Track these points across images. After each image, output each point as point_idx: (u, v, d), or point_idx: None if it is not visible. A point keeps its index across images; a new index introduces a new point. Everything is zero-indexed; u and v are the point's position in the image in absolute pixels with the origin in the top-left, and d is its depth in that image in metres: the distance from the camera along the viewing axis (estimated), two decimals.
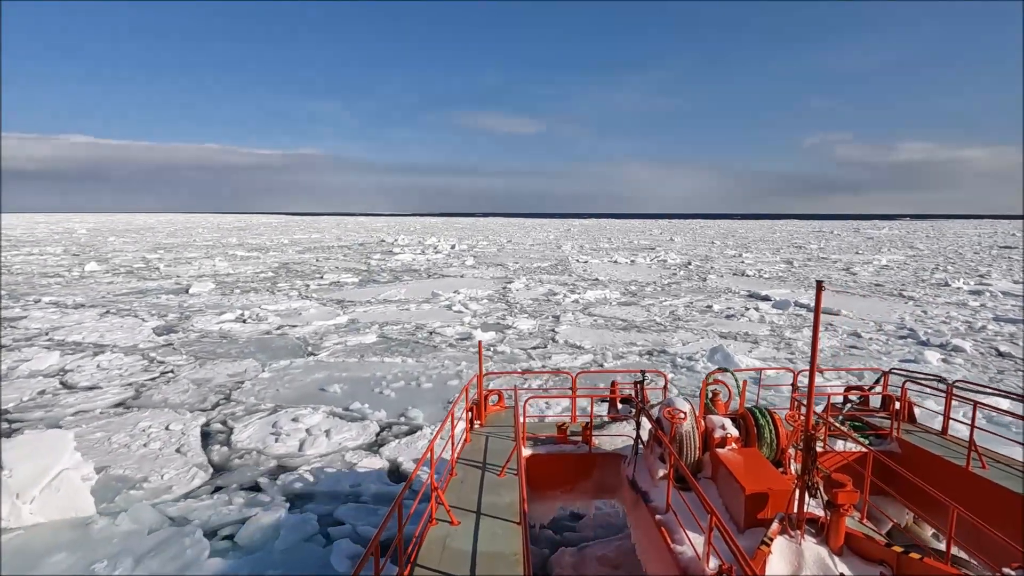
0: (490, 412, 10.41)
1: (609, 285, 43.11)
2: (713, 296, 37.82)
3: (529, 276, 49.46)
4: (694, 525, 6.35)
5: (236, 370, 20.43)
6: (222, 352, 22.86)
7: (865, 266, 59.86)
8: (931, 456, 8.76)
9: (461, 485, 7.55)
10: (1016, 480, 7.73)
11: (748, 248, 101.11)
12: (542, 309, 32.57)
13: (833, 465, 8.60)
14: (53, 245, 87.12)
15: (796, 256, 80.00)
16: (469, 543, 6.13)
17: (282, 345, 24.23)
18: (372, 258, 68.87)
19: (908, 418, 10.12)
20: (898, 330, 27.09)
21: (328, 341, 24.80)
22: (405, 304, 34.12)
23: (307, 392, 18.09)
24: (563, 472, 9.19)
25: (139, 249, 79.69)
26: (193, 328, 27.05)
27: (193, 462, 13.10)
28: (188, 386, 18.49)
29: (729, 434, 7.66)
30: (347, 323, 28.74)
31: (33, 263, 58.15)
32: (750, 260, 70.01)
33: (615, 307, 33.12)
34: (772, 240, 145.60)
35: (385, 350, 23.46)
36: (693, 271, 54.61)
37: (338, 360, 21.85)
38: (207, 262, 59.74)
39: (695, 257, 75.86)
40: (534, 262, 65.20)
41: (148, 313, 30.70)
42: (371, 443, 14.36)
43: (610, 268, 57.56)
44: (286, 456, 13.51)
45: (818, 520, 5.99)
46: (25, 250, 75.86)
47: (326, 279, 46.43)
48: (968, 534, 6.51)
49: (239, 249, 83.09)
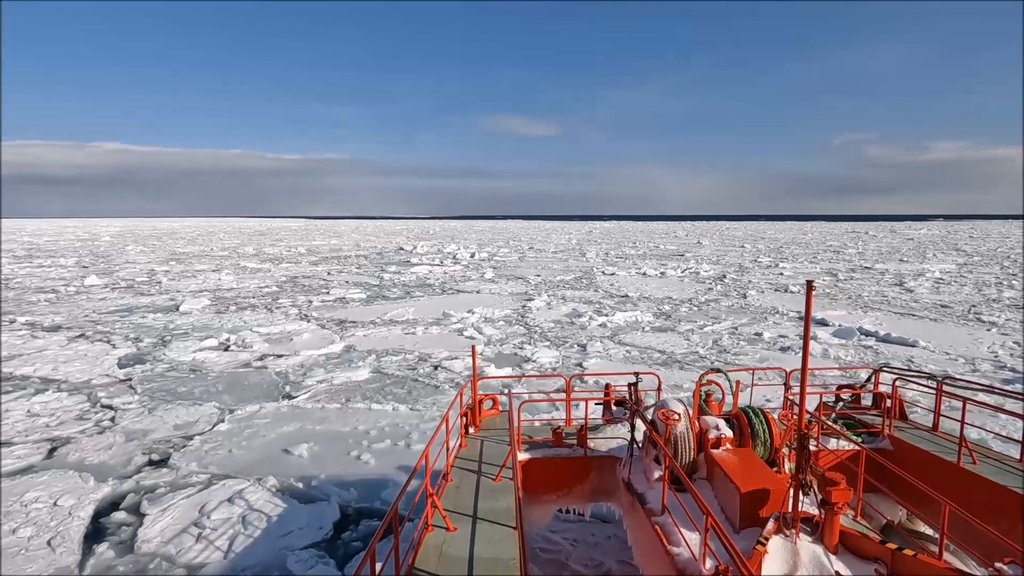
0: (485, 416, 10.37)
1: (639, 304, 38.83)
2: (758, 318, 33.32)
3: (551, 292, 45.43)
4: (690, 526, 6.34)
5: (189, 418, 16.92)
6: (184, 392, 19.39)
7: (918, 279, 54.45)
8: (923, 453, 8.79)
9: (457, 490, 7.50)
10: (1007, 475, 7.72)
11: (783, 255, 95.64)
12: (565, 335, 28.53)
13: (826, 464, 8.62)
14: (69, 255, 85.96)
15: (836, 265, 74.50)
16: (466, 549, 6.11)
17: (257, 383, 20.68)
18: (387, 270, 65.62)
19: (900, 415, 10.12)
20: (998, 369, 22.40)
21: (312, 377, 21.19)
22: (412, 326, 30.42)
23: (265, 455, 14.42)
24: (559, 476, 9.15)
25: (151, 260, 77.80)
26: (164, 358, 23.71)
27: (59, 564, 9.46)
28: (119, 441, 15.02)
29: (723, 434, 7.62)
30: (341, 352, 25.13)
31: (37, 276, 56.18)
32: (789, 271, 64.89)
33: (649, 333, 28.91)
34: (805, 243, 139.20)
35: (377, 391, 19.75)
36: (730, 285, 49.93)
37: (316, 406, 18.19)
38: (213, 276, 57.02)
39: (729, 267, 70.95)
40: (556, 274, 61.14)
41: (124, 337, 27.55)
42: (325, 541, 10.62)
43: (639, 281, 53.19)
44: (199, 568, 9.78)
45: (813, 519, 5.99)
46: (37, 261, 74.57)
47: (332, 294, 43.07)
48: (960, 529, 6.40)
49: (253, 259, 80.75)
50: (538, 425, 10.81)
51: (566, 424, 10.20)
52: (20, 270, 62.52)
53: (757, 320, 32.78)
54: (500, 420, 10.36)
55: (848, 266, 73.63)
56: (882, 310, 36.40)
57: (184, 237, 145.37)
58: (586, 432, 9.24)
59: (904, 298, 42.33)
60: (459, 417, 9.62)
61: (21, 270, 62.47)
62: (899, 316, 34.04)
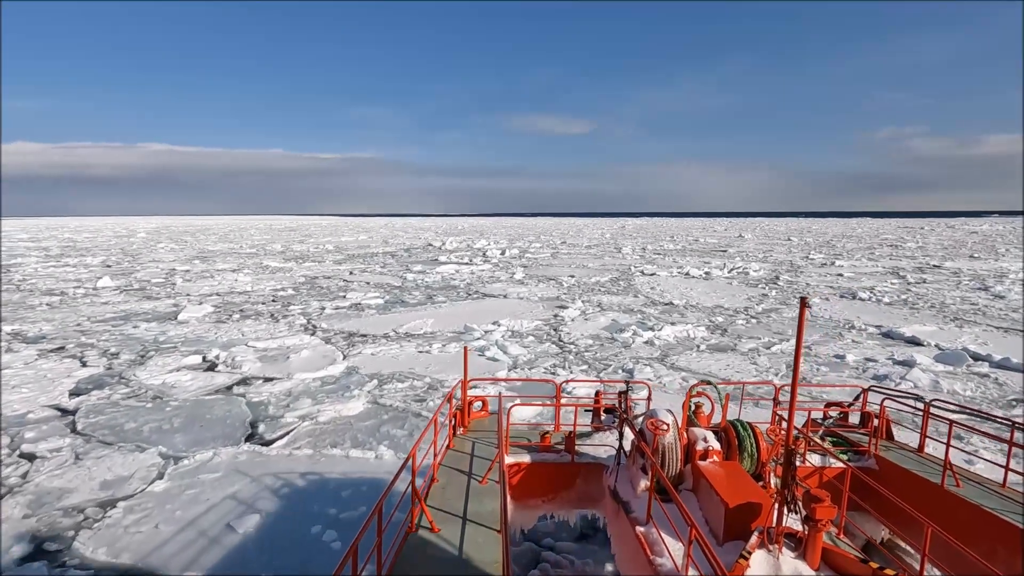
0: (474, 418, 10.32)
1: (687, 313, 34.11)
2: (831, 334, 28.30)
3: (586, 296, 41.00)
4: (674, 537, 6.33)
5: (123, 471, 13.39)
6: (131, 430, 15.87)
7: (1002, 281, 47.94)
8: (907, 473, 8.75)
9: (443, 492, 7.51)
10: (990, 499, 7.74)
11: (835, 250, 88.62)
12: (606, 356, 24.19)
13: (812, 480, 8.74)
14: (98, 253, 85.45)
15: (899, 262, 67.70)
16: (449, 550, 6.10)
17: (224, 416, 17.07)
18: (412, 269, 62.17)
19: (886, 435, 10.04)
20: None
21: (295, 411, 17.49)
22: (428, 342, 26.53)
23: (198, 534, 10.67)
24: (545, 481, 9.01)
25: (177, 259, 76.29)
26: (131, 380, 20.33)
27: None
28: (14, 514, 11.40)
29: (711, 447, 7.58)
30: (339, 376, 21.39)
31: (55, 276, 54.60)
32: (848, 271, 58.77)
33: (705, 355, 24.30)
34: (856, 237, 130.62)
35: (369, 431, 15.94)
36: (786, 290, 44.58)
37: (284, 453, 14.46)
38: (231, 276, 54.43)
39: (779, 266, 65.09)
40: (592, 274, 56.59)
41: (101, 352, 24.43)
42: None
43: (682, 284, 48.25)
44: None
45: (796, 534, 5.99)
46: (65, 260, 73.84)
47: (348, 299, 39.64)
48: (942, 551, 6.43)
49: (278, 257, 78.56)
50: (527, 429, 10.62)
51: (555, 429, 10.15)
52: (43, 270, 61.37)
53: (830, 337, 27.77)
54: (489, 422, 10.21)
55: (913, 263, 66.89)
56: (979, 323, 30.82)
57: (216, 233, 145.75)
58: (574, 438, 9.16)
59: (997, 306, 36.42)
60: (448, 418, 9.48)
61: (44, 270, 61.30)
62: (1003, 333, 28.50)
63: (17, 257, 77.36)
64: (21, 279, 52.26)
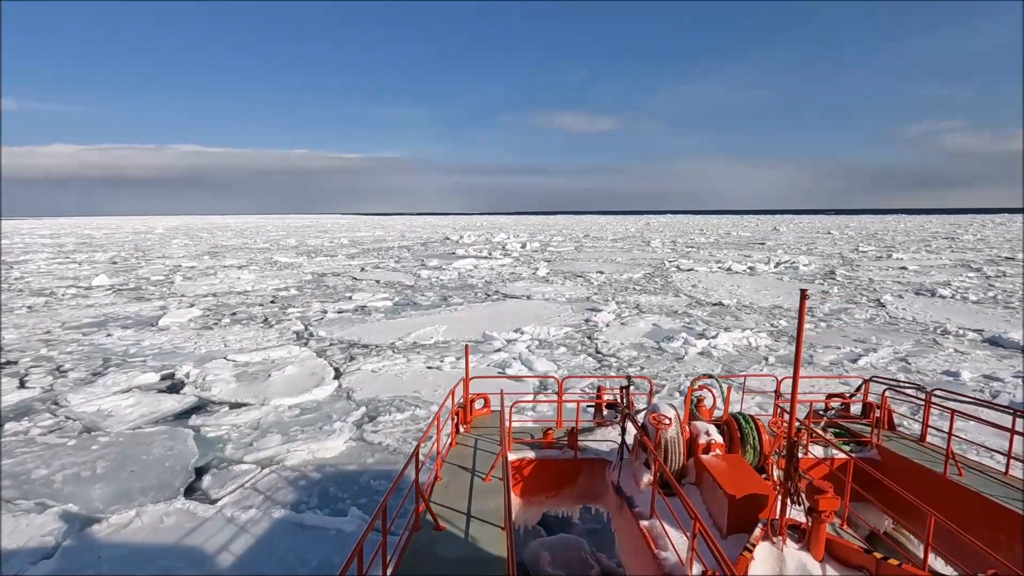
0: (476, 416, 10.17)
1: (742, 315, 29.28)
2: (925, 342, 23.34)
3: (620, 296, 36.35)
4: (678, 530, 6.28)
5: (8, 544, 9.41)
6: (38, 480, 11.88)
7: None
8: (910, 463, 8.63)
9: (446, 490, 7.37)
10: (991, 487, 7.63)
11: (888, 244, 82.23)
12: (656, 371, 19.66)
13: (815, 472, 8.61)
14: (110, 250, 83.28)
15: (966, 256, 61.47)
16: (454, 548, 6.00)
17: (163, 457, 13.04)
18: (427, 264, 58.13)
19: (888, 425, 9.90)
20: None
21: (257, 451, 13.41)
22: (439, 354, 22.30)
23: None
24: (548, 477, 8.97)
25: (186, 255, 73.49)
26: (64, 406, 16.40)
27: None
28: None
29: (713, 440, 7.47)
30: (325, 400, 17.28)
31: (52, 275, 51.79)
32: (913, 265, 53.03)
33: (778, 369, 19.55)
34: (903, 231, 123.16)
35: (347, 481, 11.77)
36: (849, 287, 39.35)
37: (227, 516, 10.37)
38: (234, 274, 50.98)
39: (830, 259, 59.50)
40: (622, 269, 51.84)
41: (49, 369, 20.58)
42: None
43: (726, 280, 43.28)
44: None
45: (800, 526, 5.91)
46: (74, 256, 71.54)
47: (354, 300, 35.64)
48: (945, 540, 6.34)
49: (290, 252, 75.30)
50: (529, 426, 10.47)
51: (557, 426, 10.01)
52: (46, 267, 58.88)
53: (925, 345, 22.82)
54: (491, 420, 10.06)
55: (981, 256, 60.68)
56: None
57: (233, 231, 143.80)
58: (577, 434, 8.99)
59: None
60: (450, 416, 9.34)
61: (47, 267, 58.80)
62: None
63: (29, 254, 75.39)
64: (18, 278, 49.51)
